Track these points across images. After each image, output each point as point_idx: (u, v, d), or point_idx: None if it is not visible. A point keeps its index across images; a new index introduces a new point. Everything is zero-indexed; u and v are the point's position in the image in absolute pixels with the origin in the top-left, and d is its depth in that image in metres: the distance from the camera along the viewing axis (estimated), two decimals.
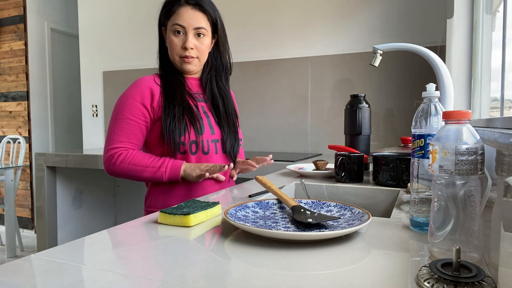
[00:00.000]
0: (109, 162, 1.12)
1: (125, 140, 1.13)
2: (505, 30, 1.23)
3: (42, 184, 2.63)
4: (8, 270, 0.51)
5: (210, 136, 1.18)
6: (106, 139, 1.15)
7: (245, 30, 2.70)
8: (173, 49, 1.16)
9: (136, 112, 1.13)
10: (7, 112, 4.05)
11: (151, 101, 1.14)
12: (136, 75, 3.09)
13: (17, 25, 3.93)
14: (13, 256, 3.26)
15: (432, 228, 0.54)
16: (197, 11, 1.15)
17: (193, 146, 1.14)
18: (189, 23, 1.14)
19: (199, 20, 1.15)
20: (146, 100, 1.14)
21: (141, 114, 1.13)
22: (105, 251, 0.58)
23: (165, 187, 1.18)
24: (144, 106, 1.14)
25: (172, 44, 1.16)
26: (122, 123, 1.13)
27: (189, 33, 1.14)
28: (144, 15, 3.07)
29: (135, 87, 1.16)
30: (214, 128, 1.20)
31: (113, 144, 1.12)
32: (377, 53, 1.31)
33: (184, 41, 1.14)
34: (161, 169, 1.11)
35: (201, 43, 1.17)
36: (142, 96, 1.14)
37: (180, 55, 1.16)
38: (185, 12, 1.14)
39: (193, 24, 1.14)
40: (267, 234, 0.61)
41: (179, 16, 1.13)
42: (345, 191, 1.14)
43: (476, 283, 0.42)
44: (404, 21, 2.29)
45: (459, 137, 0.52)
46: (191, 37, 1.14)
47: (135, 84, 1.17)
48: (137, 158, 1.11)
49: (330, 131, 2.50)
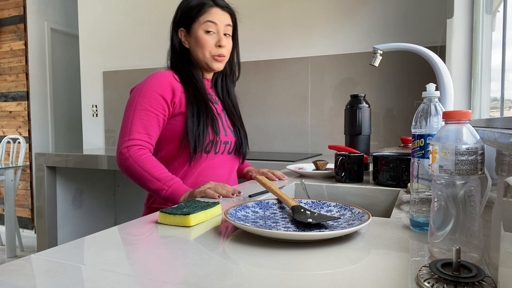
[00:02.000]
0: (124, 155, 1.07)
1: (143, 131, 1.09)
2: (505, 30, 1.23)
3: (42, 184, 2.63)
4: (8, 270, 0.51)
5: (223, 137, 1.20)
6: (122, 130, 1.10)
7: (245, 30, 2.70)
8: (206, 47, 1.18)
9: (155, 104, 1.11)
10: (7, 112, 4.05)
11: (172, 96, 1.14)
12: (136, 75, 3.09)
13: (17, 25, 3.93)
14: (13, 256, 3.26)
15: (432, 228, 0.54)
16: (225, 12, 1.20)
17: (208, 145, 1.16)
18: (221, 22, 1.18)
19: (228, 21, 1.20)
20: (166, 94, 1.13)
21: (160, 107, 1.12)
22: (105, 251, 0.58)
23: None
24: (164, 100, 1.12)
25: (205, 42, 1.17)
26: (141, 114, 1.10)
27: (221, 32, 1.18)
28: (144, 15, 3.06)
29: (156, 80, 1.14)
30: (226, 129, 1.22)
31: (131, 135, 1.08)
32: (377, 53, 1.31)
33: (218, 39, 1.18)
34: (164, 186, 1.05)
35: (229, 42, 1.22)
36: (163, 90, 1.12)
37: (213, 54, 1.18)
38: (217, 12, 1.18)
39: (224, 22, 1.19)
40: (267, 234, 0.61)
41: (212, 15, 1.17)
42: (345, 191, 1.14)
43: (476, 283, 0.42)
44: (404, 21, 2.29)
45: (459, 137, 0.52)
46: (223, 36, 1.19)
47: (155, 77, 1.15)
48: (149, 164, 1.06)
49: (330, 131, 2.50)
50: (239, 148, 1.25)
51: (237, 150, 1.26)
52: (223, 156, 1.22)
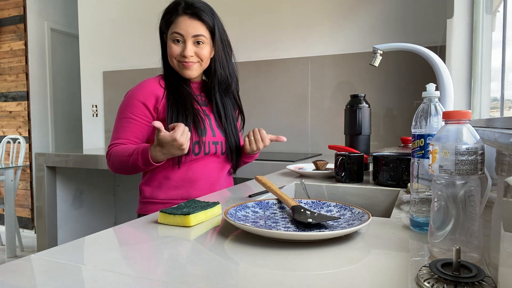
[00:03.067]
0: (107, 158, 1.17)
1: (123, 137, 1.16)
2: (505, 30, 1.23)
3: (42, 184, 2.63)
4: (8, 270, 0.51)
5: (212, 138, 1.20)
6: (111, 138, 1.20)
7: (245, 30, 2.70)
8: (172, 55, 1.18)
9: (137, 112, 1.16)
10: (7, 112, 4.05)
11: (155, 103, 1.17)
12: (136, 75, 3.09)
13: (17, 25, 3.93)
14: (13, 256, 3.26)
15: (432, 228, 0.54)
16: (194, 20, 1.15)
17: (196, 147, 1.17)
18: (187, 31, 1.15)
19: (197, 28, 1.16)
20: (148, 101, 1.16)
21: (142, 114, 1.16)
22: (105, 251, 0.58)
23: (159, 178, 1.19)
24: (146, 107, 1.16)
25: (171, 51, 1.17)
26: (123, 122, 1.17)
27: (188, 41, 1.15)
28: (144, 15, 3.07)
29: (138, 89, 1.19)
30: (215, 130, 1.23)
31: (113, 141, 1.17)
32: (377, 53, 1.31)
33: (183, 49, 1.15)
34: (133, 155, 1.08)
35: (201, 49, 1.17)
36: (145, 97, 1.16)
37: (179, 60, 1.18)
38: (182, 21, 1.15)
39: (191, 32, 1.15)
40: (267, 234, 0.61)
41: (177, 25, 1.15)
42: (345, 191, 1.14)
43: (476, 283, 0.42)
44: (404, 21, 2.29)
45: (459, 137, 0.52)
46: (190, 45, 1.16)
47: (138, 85, 1.20)
48: (120, 151, 1.12)
49: (330, 131, 2.50)
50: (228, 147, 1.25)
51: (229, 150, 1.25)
52: (218, 157, 1.23)
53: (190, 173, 1.19)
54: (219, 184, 1.25)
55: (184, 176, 1.18)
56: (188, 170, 1.18)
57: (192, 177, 1.19)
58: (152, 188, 1.20)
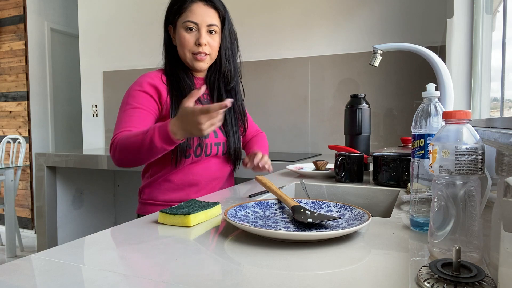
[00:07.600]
0: (111, 149, 1.07)
1: (130, 126, 1.07)
2: (505, 30, 1.23)
3: (42, 184, 2.63)
4: (8, 270, 0.51)
5: (214, 139, 1.19)
6: (114, 129, 1.11)
7: (245, 30, 2.70)
8: (185, 45, 1.13)
9: (142, 101, 1.11)
10: (7, 112, 4.05)
11: (158, 96, 1.13)
12: (136, 75, 3.07)
13: (17, 25, 3.93)
14: (13, 256, 3.26)
15: (432, 228, 0.54)
16: (209, 8, 1.13)
17: (198, 149, 1.15)
18: (202, 20, 1.12)
19: (211, 16, 1.13)
20: (152, 92, 1.12)
21: (147, 103, 1.11)
22: (105, 251, 0.58)
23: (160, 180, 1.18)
24: (151, 96, 1.12)
25: (184, 41, 1.13)
26: (128, 112, 1.10)
27: (202, 29, 1.12)
28: (145, 15, 3.06)
29: (141, 80, 1.15)
30: (217, 130, 1.20)
31: (118, 129, 1.07)
32: (377, 53, 1.31)
33: (198, 37, 1.12)
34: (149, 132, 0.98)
35: (214, 39, 1.15)
36: (148, 89, 1.12)
37: (193, 52, 1.13)
38: (197, 8, 1.12)
39: (207, 21, 1.12)
40: (267, 234, 0.61)
41: (192, 13, 1.12)
42: (345, 191, 1.14)
43: (476, 283, 0.42)
44: (404, 21, 2.29)
45: (459, 137, 0.52)
46: (204, 33, 1.13)
47: (141, 78, 1.16)
48: (131, 133, 1.03)
49: (330, 131, 2.50)
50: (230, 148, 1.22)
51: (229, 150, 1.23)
52: (219, 158, 1.21)
53: (190, 176, 1.17)
54: (220, 186, 1.25)
55: (184, 178, 1.17)
56: (189, 173, 1.17)
57: (192, 179, 1.17)
58: (152, 189, 1.19)
